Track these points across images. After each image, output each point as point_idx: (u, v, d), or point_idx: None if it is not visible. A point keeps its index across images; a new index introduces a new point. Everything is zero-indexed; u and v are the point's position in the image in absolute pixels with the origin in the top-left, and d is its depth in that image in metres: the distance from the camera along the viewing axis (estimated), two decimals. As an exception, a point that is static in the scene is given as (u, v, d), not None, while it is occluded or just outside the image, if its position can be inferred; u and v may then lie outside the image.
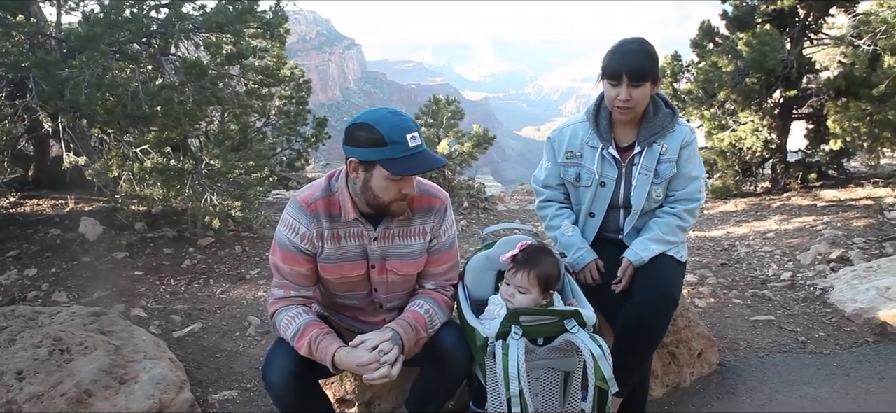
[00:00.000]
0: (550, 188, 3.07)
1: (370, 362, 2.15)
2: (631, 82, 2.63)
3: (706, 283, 5.03)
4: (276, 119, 8.65)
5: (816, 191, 9.18)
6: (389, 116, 2.15)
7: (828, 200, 8.33)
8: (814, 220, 7.12)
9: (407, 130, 2.13)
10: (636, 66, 2.62)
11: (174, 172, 5.40)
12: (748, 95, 9.00)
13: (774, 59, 8.36)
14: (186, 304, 4.56)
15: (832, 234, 6.04)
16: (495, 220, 8.59)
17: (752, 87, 8.86)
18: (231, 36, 5.78)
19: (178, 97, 5.14)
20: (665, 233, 2.81)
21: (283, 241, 2.36)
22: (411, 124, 2.17)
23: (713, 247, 6.44)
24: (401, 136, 2.12)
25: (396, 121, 2.14)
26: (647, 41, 2.69)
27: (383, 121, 2.13)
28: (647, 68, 2.63)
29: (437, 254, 2.52)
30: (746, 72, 8.76)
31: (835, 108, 8.61)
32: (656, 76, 2.69)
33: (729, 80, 9.00)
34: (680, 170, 2.82)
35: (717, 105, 9.64)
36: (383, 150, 2.12)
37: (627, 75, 2.63)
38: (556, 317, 2.29)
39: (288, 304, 2.38)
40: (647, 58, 2.64)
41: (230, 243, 5.81)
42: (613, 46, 2.70)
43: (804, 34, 9.09)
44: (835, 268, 5.10)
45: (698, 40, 9.79)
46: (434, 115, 9.66)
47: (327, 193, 2.36)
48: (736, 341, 3.91)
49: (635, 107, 2.69)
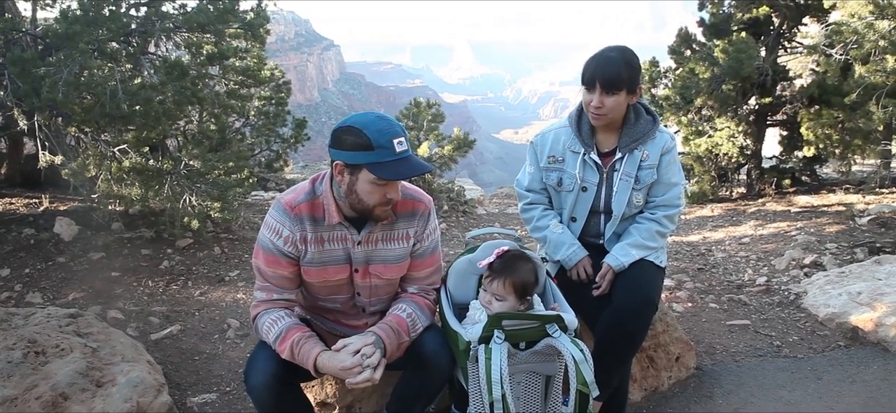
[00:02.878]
0: (534, 192, 3.09)
1: (352, 366, 2.14)
2: (604, 90, 2.67)
3: (683, 288, 5.09)
4: (255, 119, 8.58)
5: (790, 196, 9.35)
6: (377, 121, 2.15)
7: (801, 206, 8.48)
8: (788, 226, 7.25)
9: (394, 135, 2.14)
10: (610, 75, 2.66)
11: (152, 172, 5.32)
12: (725, 102, 9.13)
13: (750, 66, 8.50)
14: (164, 306, 4.51)
15: (806, 240, 6.15)
16: (475, 224, 8.61)
17: (728, 94, 8.99)
18: (212, 36, 5.72)
19: (157, 97, 5.07)
20: (645, 238, 2.84)
21: (266, 243, 2.35)
22: (398, 129, 2.17)
23: (690, 251, 6.52)
24: (387, 141, 2.12)
25: (383, 125, 2.14)
26: (630, 51, 2.72)
27: (370, 125, 2.13)
28: (623, 78, 2.66)
29: (420, 258, 2.52)
30: (723, 79, 8.89)
31: (808, 116, 8.78)
32: (633, 86, 2.72)
33: (706, 87, 9.12)
34: (660, 176, 2.86)
35: (694, 111, 9.77)
36: (370, 154, 2.12)
37: (600, 83, 2.67)
38: (538, 321, 2.30)
39: (270, 306, 2.37)
40: (625, 67, 2.66)
41: (209, 245, 5.76)
42: (595, 53, 2.73)
43: (779, 42, 9.26)
44: (808, 273, 5.20)
45: (676, 47, 9.92)
46: (415, 119, 9.65)
47: (311, 197, 2.35)
48: (712, 345, 3.96)
49: (608, 114, 2.73)
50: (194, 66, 5.61)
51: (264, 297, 2.39)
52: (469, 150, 9.66)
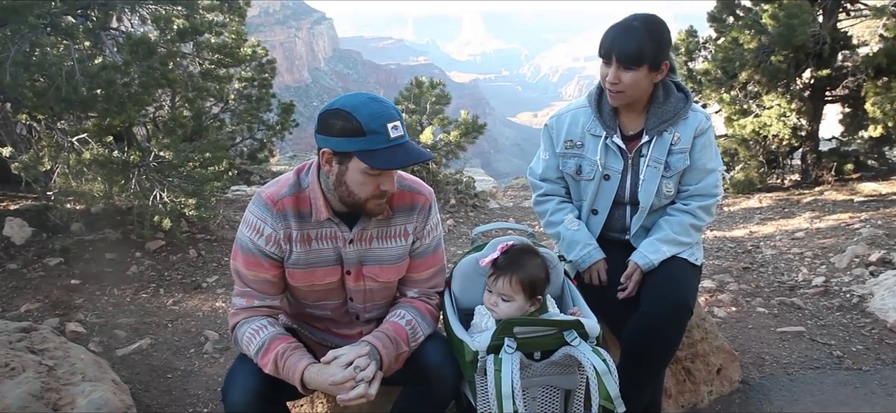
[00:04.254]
0: (549, 182, 3.11)
1: (344, 380, 2.16)
2: (621, 64, 2.67)
3: (726, 290, 5.11)
4: (235, 104, 8.60)
5: (853, 183, 9.29)
6: (369, 103, 2.16)
7: (866, 195, 8.44)
8: (850, 218, 7.22)
9: (388, 119, 2.15)
10: (628, 49, 2.65)
11: (117, 165, 5.36)
12: (774, 76, 9.08)
13: (804, 33, 8.42)
14: (132, 318, 4.56)
15: (872, 234, 6.12)
16: (486, 219, 8.64)
17: (778, 66, 8.93)
18: (183, 8, 5.75)
19: (121, 79, 5.10)
20: (677, 233, 2.85)
21: (246, 243, 2.37)
22: (393, 112, 2.19)
23: (734, 248, 6.53)
24: (381, 126, 2.13)
25: (376, 108, 2.15)
26: (657, 21, 2.70)
27: (362, 107, 2.14)
28: (645, 52, 2.64)
29: (420, 257, 2.54)
30: (772, 48, 8.83)
31: (874, 89, 8.67)
32: (657, 62, 2.70)
33: (752, 59, 9.07)
34: (694, 161, 2.86)
35: (738, 87, 9.72)
36: (361, 140, 2.13)
37: (617, 56, 2.66)
38: (554, 328, 2.31)
39: (251, 315, 2.39)
40: (648, 40, 2.64)
41: (183, 247, 5.80)
42: (617, 21, 2.74)
43: (839, 4, 9.17)
44: (875, 272, 5.16)
45: (717, 13, 9.85)
46: (416, 100, 9.67)
47: (296, 189, 2.37)
48: (761, 356, 3.97)
49: (625, 91, 2.72)
50: (163, 44, 5.64)
51: (244, 303, 2.40)
52: (479, 136, 9.68)
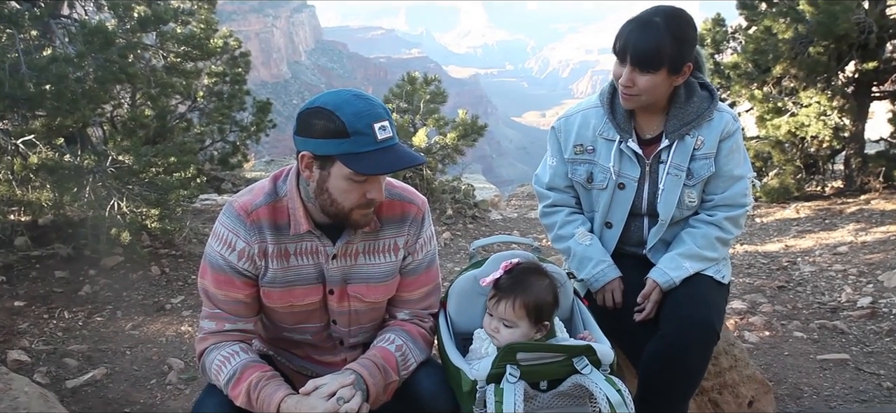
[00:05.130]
0: (557, 191, 3.12)
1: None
2: (637, 66, 2.66)
3: (759, 312, 5.12)
4: (204, 103, 8.62)
5: (904, 191, 9.30)
6: (353, 100, 2.17)
7: (919, 204, 8.44)
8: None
9: (375, 118, 2.15)
10: (646, 48, 2.63)
11: (69, 171, 5.35)
12: (813, 69, 9.07)
13: (848, 21, 8.41)
14: (85, 344, 4.56)
15: (924, 248, 6.15)
16: (488, 232, 8.65)
17: (817, 59, 8.93)
18: (144, -7, 5.77)
19: (74, 73, 5.11)
20: (701, 247, 2.86)
21: (216, 259, 2.36)
22: (381, 111, 2.19)
23: (768, 265, 6.55)
24: (367, 126, 2.13)
25: (362, 106, 2.16)
26: (681, 17, 2.67)
27: (346, 105, 2.15)
28: (664, 53, 2.62)
29: (412, 275, 2.55)
30: (810, 39, 8.84)
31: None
32: (678, 65, 2.68)
33: (787, 50, 9.07)
34: (719, 168, 2.87)
35: (771, 82, 9.72)
36: (345, 142, 2.13)
37: (633, 57, 2.65)
38: (563, 353, 2.31)
39: (221, 340, 2.39)
40: (669, 39, 2.61)
41: (145, 264, 5.80)
42: (636, 15, 2.72)
43: (887, -12, 9.17)
44: (928, 292, 5.20)
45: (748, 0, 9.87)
46: (408, 98, 9.66)
47: (273, 198, 2.37)
48: (798, 386, 3.98)
49: (640, 96, 2.72)
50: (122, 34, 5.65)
51: (213, 327, 2.40)
52: (479, 139, 9.68)
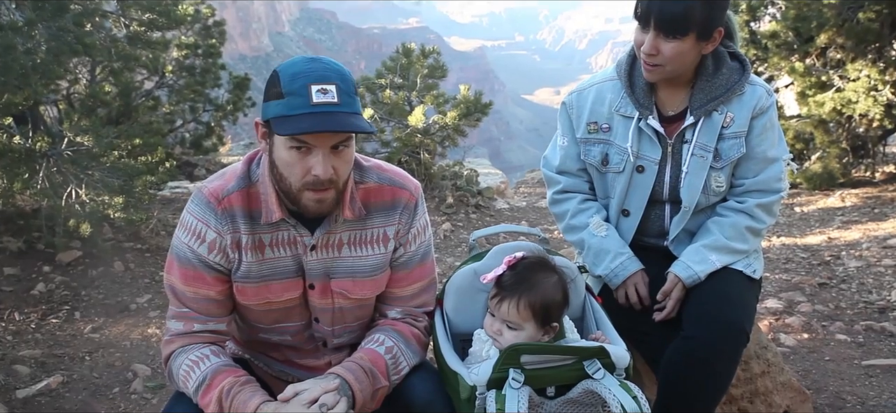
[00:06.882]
0: (568, 175, 3.12)
1: (307, 423, 2.17)
2: (661, 32, 2.63)
3: (797, 312, 5.13)
4: (173, 78, 8.59)
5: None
6: (300, 63, 2.17)
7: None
8: (959, 221, 7.25)
9: (314, 80, 2.12)
10: (672, 10, 2.58)
11: (19, 155, 5.35)
12: (862, 38, 9.02)
13: (903, -17, 8.39)
14: (39, 349, 4.58)
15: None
16: (493, 222, 8.63)
17: (868, 26, 8.88)
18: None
19: (23, 44, 5.11)
20: (729, 237, 2.86)
21: (184, 252, 2.36)
22: (329, 74, 2.16)
23: (808, 259, 6.56)
24: (302, 87, 2.11)
25: (304, 67, 2.15)
26: None
27: (290, 67, 2.16)
28: (693, 16, 2.58)
29: (404, 269, 2.56)
30: (861, 3, 8.80)
31: None
32: (708, 30, 2.66)
33: (834, 17, 9.02)
34: (751, 149, 2.87)
35: (815, 53, 9.69)
36: (278, 103, 2.14)
37: (656, 21, 2.62)
38: (572, 356, 2.32)
39: (190, 342, 2.39)
40: (698, 1, 2.58)
41: (107, 258, 5.81)
42: None
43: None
44: None
45: (788, -39, 9.84)
46: (404, 72, 9.60)
47: (246, 183, 2.37)
48: (840, 395, 3.99)
49: (665, 66, 2.70)
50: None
51: (182, 328, 2.40)
52: (484, 118, 9.64)
